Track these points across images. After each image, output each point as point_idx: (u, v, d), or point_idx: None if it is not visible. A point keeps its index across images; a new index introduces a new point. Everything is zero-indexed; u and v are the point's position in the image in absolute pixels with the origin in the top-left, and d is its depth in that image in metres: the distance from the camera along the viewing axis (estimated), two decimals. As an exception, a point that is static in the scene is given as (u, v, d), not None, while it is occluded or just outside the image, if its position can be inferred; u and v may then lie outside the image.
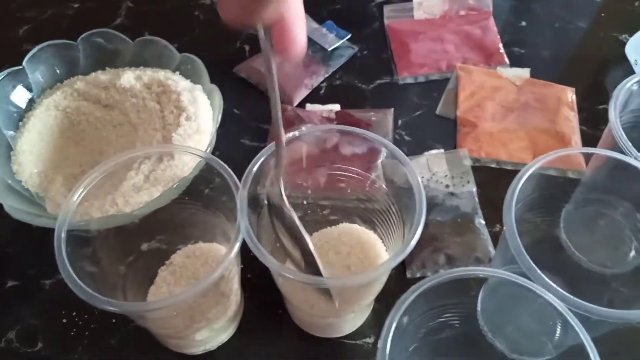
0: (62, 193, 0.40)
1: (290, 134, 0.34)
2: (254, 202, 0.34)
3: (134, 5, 0.59)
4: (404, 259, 0.28)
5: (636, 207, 0.41)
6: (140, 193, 0.37)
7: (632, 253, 0.42)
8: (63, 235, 0.29)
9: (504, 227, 0.30)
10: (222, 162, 0.31)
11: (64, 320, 0.38)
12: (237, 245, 0.28)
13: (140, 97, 0.43)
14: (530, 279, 0.28)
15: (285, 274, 0.27)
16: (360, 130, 0.34)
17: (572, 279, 0.39)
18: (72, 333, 0.38)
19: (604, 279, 0.40)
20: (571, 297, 0.27)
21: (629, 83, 0.35)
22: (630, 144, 0.31)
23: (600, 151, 0.34)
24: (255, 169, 0.31)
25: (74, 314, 0.38)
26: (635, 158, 0.31)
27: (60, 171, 0.42)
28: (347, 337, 0.38)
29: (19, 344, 0.37)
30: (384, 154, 0.46)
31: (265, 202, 0.32)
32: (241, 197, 0.29)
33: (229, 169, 0.31)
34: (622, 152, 0.32)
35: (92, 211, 0.36)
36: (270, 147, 0.32)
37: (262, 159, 0.32)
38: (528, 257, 0.28)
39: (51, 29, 0.58)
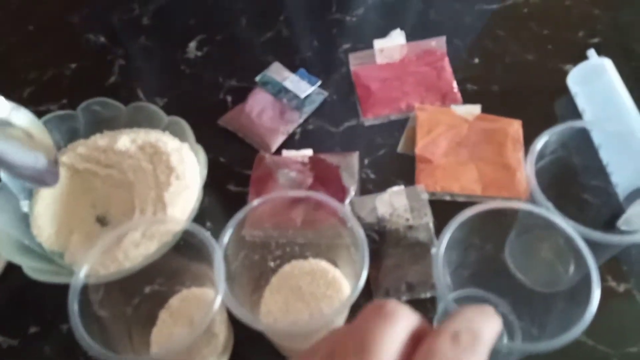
0: (79, 248, 0.47)
1: (262, 199, 0.40)
2: (237, 244, 0.40)
3: (125, 62, 0.66)
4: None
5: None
6: (138, 248, 0.43)
7: (571, 272, 0.48)
8: (76, 307, 0.35)
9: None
10: (201, 229, 0.37)
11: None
12: (217, 304, 0.34)
13: (135, 158, 0.49)
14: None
15: (255, 327, 0.34)
16: (319, 196, 0.39)
17: (516, 299, 0.45)
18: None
19: (545, 297, 0.46)
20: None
21: (545, 137, 0.41)
22: (542, 196, 0.37)
23: (514, 204, 0.38)
24: (226, 238, 0.37)
25: (90, 355, 0.45)
26: (547, 207, 0.37)
27: (76, 228, 0.48)
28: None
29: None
30: (352, 191, 0.52)
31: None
32: (218, 261, 0.36)
33: (206, 235, 0.37)
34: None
35: (99, 268, 0.42)
36: (244, 209, 0.38)
37: (230, 230, 0.38)
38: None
39: (53, 89, 0.64)
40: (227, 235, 0.37)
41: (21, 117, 0.41)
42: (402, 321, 0.22)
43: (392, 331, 0.22)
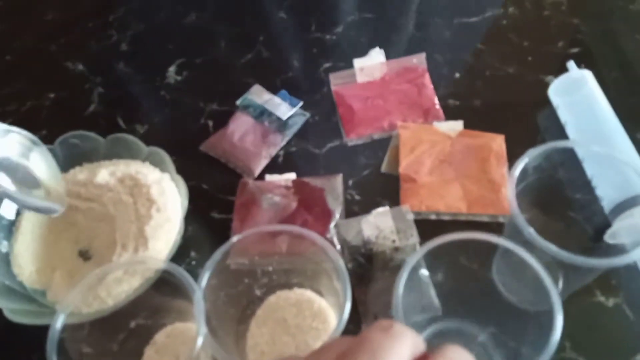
0: (62, 285, 0.46)
1: (247, 232, 0.39)
2: (221, 274, 0.39)
3: (105, 90, 0.65)
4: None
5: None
6: (121, 285, 0.42)
7: (559, 290, 0.47)
8: (54, 357, 0.34)
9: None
10: (179, 269, 0.37)
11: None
12: (198, 345, 0.33)
13: (115, 191, 0.48)
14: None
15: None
16: (297, 229, 0.39)
17: (501, 316, 0.45)
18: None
19: (529, 315, 0.46)
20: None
21: (524, 161, 0.41)
22: (524, 221, 0.37)
23: (493, 239, 0.38)
24: (204, 280, 0.37)
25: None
26: (529, 233, 0.37)
27: (58, 265, 0.48)
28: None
29: None
30: (337, 214, 0.52)
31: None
32: (197, 302, 0.35)
33: (185, 274, 0.36)
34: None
35: (81, 306, 0.41)
36: (222, 247, 0.38)
37: (208, 272, 0.37)
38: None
39: (32, 121, 0.63)
40: (205, 277, 0.37)
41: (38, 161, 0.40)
42: (409, 341, 0.24)
43: (400, 350, 0.23)
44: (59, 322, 0.36)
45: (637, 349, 0.43)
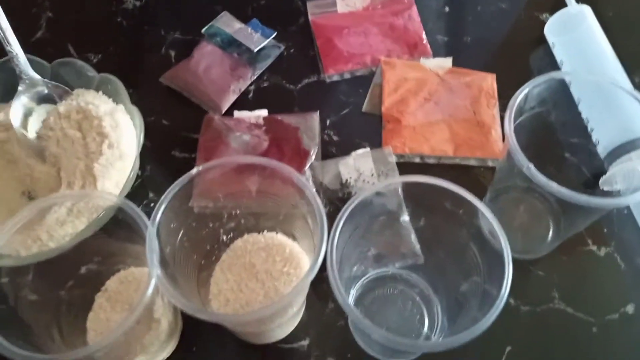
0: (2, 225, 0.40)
1: (211, 164, 0.34)
2: (182, 216, 0.35)
3: (54, 15, 0.58)
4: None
5: (549, 193, 0.44)
6: (64, 226, 0.37)
7: (550, 237, 0.45)
8: None
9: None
10: (131, 204, 0.32)
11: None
12: (150, 290, 0.29)
13: (57, 129, 0.42)
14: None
15: (199, 316, 0.29)
16: (269, 162, 0.35)
17: (491, 266, 0.42)
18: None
19: (522, 265, 0.43)
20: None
21: (525, 90, 0.37)
22: (523, 156, 0.33)
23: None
24: (162, 208, 0.32)
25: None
26: (528, 169, 0.33)
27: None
28: (283, 341, 0.40)
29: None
30: (313, 155, 0.47)
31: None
32: (150, 238, 0.30)
33: (136, 210, 0.32)
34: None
35: (19, 248, 0.36)
36: (174, 185, 0.33)
37: (164, 205, 0.32)
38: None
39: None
40: (160, 211, 0.32)
41: None
42: None
43: None
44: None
45: (627, 299, 0.41)
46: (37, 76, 0.44)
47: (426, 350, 0.37)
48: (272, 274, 0.36)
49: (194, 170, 0.34)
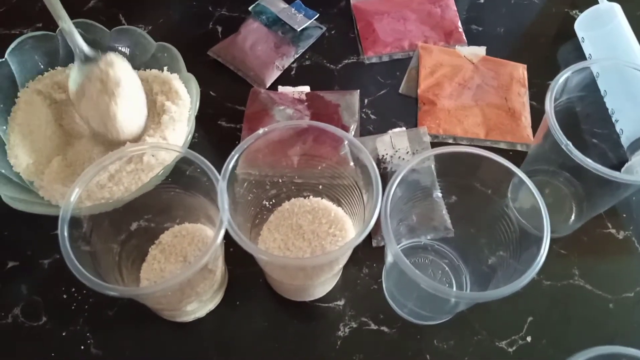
0: (55, 180, 0.43)
1: (261, 130, 0.37)
2: (230, 180, 0.38)
3: (105, -15, 0.60)
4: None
5: (575, 177, 0.47)
6: (130, 176, 0.40)
7: (572, 218, 0.47)
8: (66, 233, 0.32)
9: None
10: (199, 156, 0.34)
11: (64, 296, 0.42)
12: (221, 235, 0.32)
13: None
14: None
15: (263, 257, 0.32)
16: (325, 125, 0.37)
17: (517, 244, 0.44)
18: (73, 307, 0.42)
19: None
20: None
21: (566, 74, 0.39)
22: (562, 134, 0.36)
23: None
24: (232, 163, 0.35)
25: (73, 289, 0.42)
26: (566, 145, 0.35)
27: (53, 159, 0.45)
28: (320, 300, 0.43)
29: (24, 319, 0.41)
30: (352, 131, 0.50)
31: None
32: (221, 190, 0.33)
33: (207, 162, 0.34)
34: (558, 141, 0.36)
35: (85, 198, 0.39)
36: (245, 141, 0.35)
37: (236, 156, 0.35)
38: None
39: (24, 12, 0.58)
40: (232, 162, 0.35)
41: None
42: None
43: None
44: (72, 200, 0.33)
45: (642, 280, 0.44)
46: (90, 52, 0.44)
47: (468, 299, 0.37)
48: (318, 234, 0.39)
49: (260, 131, 0.36)
